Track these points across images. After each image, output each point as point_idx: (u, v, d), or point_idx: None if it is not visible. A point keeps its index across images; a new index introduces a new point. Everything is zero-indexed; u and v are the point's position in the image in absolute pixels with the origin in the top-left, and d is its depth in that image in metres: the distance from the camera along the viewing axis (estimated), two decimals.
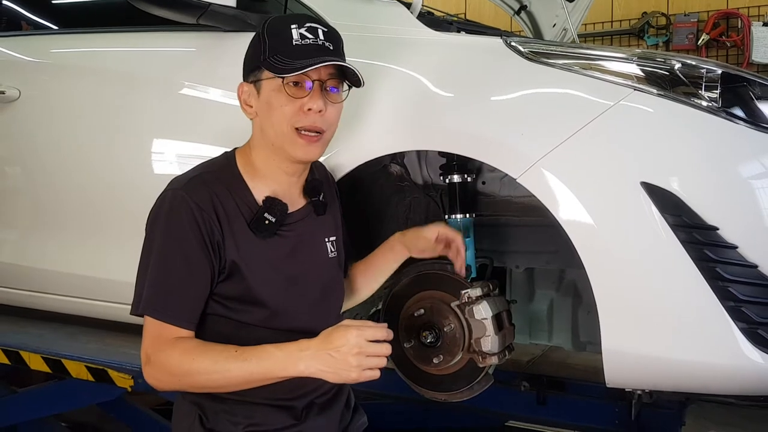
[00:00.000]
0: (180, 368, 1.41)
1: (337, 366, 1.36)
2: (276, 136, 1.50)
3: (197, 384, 1.43)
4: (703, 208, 1.51)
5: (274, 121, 1.49)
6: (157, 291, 1.44)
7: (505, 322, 1.82)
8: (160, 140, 2.23)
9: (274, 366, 1.39)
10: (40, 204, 2.52)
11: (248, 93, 1.54)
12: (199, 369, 1.40)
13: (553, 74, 1.68)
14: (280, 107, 1.48)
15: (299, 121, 1.48)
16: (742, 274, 1.51)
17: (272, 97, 1.49)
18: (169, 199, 1.47)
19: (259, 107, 1.52)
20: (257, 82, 1.51)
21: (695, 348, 1.53)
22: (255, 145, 1.56)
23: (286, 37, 1.47)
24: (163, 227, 1.46)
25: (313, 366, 1.37)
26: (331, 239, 1.66)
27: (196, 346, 1.43)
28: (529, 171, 1.60)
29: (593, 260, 1.56)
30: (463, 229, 1.89)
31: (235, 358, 1.39)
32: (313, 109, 1.48)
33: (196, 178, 1.50)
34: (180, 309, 1.45)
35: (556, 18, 3.20)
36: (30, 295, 2.54)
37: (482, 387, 1.86)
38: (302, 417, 1.56)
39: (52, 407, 2.67)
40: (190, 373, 1.40)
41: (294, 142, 1.50)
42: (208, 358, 1.40)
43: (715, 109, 1.57)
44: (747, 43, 5.12)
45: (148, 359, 1.43)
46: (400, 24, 1.94)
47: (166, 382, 1.44)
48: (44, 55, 2.57)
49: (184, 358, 1.40)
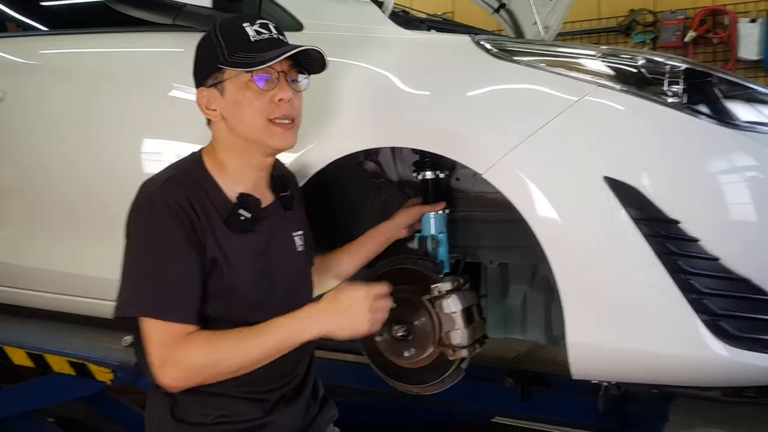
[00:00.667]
0: (204, 360, 1.42)
1: (350, 322, 1.46)
2: (250, 131, 1.52)
3: (220, 371, 1.44)
4: (664, 202, 1.53)
5: (246, 117, 1.52)
6: (157, 291, 1.43)
7: (475, 316, 1.85)
8: (142, 139, 2.25)
9: (290, 335, 1.45)
10: (24, 203, 2.54)
11: (208, 97, 1.55)
12: (223, 356, 1.42)
13: (520, 71, 1.71)
14: (250, 103, 1.50)
15: (272, 112, 1.51)
16: (704, 267, 1.53)
17: (239, 95, 1.51)
18: (148, 201, 1.48)
19: (225, 108, 1.53)
20: (218, 84, 1.53)
21: (659, 340, 1.56)
22: (221, 146, 1.58)
23: (243, 35, 1.50)
24: (147, 228, 1.47)
25: (326, 326, 1.45)
26: (299, 233, 1.69)
27: (212, 336, 1.45)
28: (495, 167, 1.62)
29: (557, 254, 1.59)
30: (436, 225, 1.92)
31: (252, 337, 1.43)
32: (284, 98, 1.51)
33: (170, 179, 1.51)
34: (185, 306, 1.45)
35: (537, 16, 3.22)
36: (14, 292, 2.56)
37: (453, 380, 1.89)
38: (271, 409, 1.59)
39: (37, 401, 2.70)
40: (215, 363, 1.42)
41: (271, 133, 1.52)
42: (228, 343, 1.43)
43: (678, 104, 1.59)
44: (734, 40, 5.17)
45: (164, 361, 1.42)
46: (372, 23, 1.96)
47: (186, 379, 1.44)
48: (29, 56, 2.59)
49: (206, 349, 1.42)
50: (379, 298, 1.50)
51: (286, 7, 2.03)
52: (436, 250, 1.90)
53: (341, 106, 1.81)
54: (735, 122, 1.63)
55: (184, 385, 1.45)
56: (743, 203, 1.55)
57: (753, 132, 1.64)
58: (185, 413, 1.55)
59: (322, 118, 1.79)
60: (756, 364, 1.54)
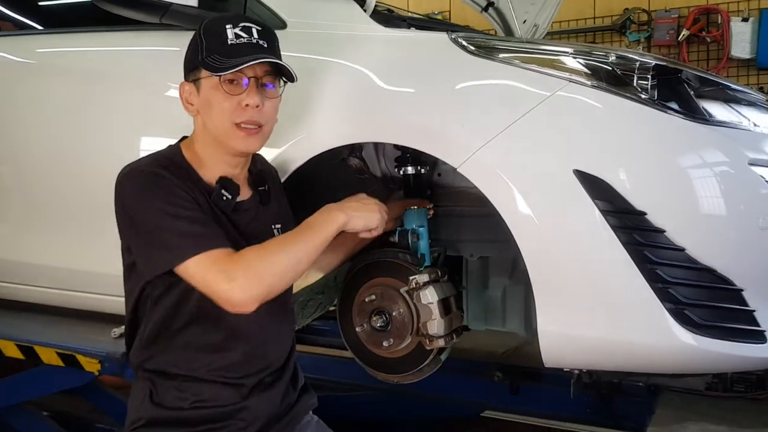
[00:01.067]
0: (262, 263, 1.47)
1: (365, 211, 1.63)
2: (217, 131, 1.58)
3: (279, 273, 1.49)
4: (632, 195, 1.57)
5: (214, 117, 1.57)
6: (187, 234, 1.47)
7: (452, 307, 1.89)
8: (133, 136, 2.28)
9: (322, 228, 1.56)
10: (19, 200, 2.58)
11: (189, 92, 1.61)
12: (277, 257, 1.49)
13: (494, 68, 1.76)
14: (219, 104, 1.55)
15: (238, 117, 1.56)
16: (669, 257, 1.58)
17: (211, 94, 1.56)
18: (139, 174, 1.52)
19: (200, 105, 1.59)
20: (197, 81, 1.59)
21: (627, 328, 1.61)
22: (198, 140, 1.63)
23: (222, 37, 1.54)
24: (149, 195, 1.50)
25: (347, 213, 1.59)
26: (277, 227, 1.73)
27: (259, 246, 1.51)
28: (469, 161, 1.67)
29: (528, 246, 1.63)
30: (417, 219, 1.96)
31: (293, 239, 1.54)
32: (250, 104, 1.55)
33: (154, 161, 1.56)
34: (216, 235, 1.50)
35: (526, 14, 3.26)
36: (5, 286, 2.61)
37: (431, 369, 1.93)
38: (248, 394, 1.64)
39: (28, 393, 2.75)
40: (272, 264, 1.48)
41: (235, 136, 1.57)
42: (275, 245, 1.52)
43: (647, 100, 1.64)
44: (726, 39, 5.20)
45: (230, 276, 1.44)
46: (353, 21, 2.00)
47: (256, 286, 1.46)
48: (22, 55, 2.63)
49: (259, 253, 1.48)
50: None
51: (270, 5, 2.07)
52: (416, 244, 1.94)
53: (322, 102, 1.85)
54: (705, 118, 1.67)
55: (256, 294, 1.46)
56: (709, 196, 1.60)
57: (723, 127, 1.69)
58: (163, 398, 1.60)
59: (304, 114, 1.83)
60: (720, 351, 1.58)
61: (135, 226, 1.52)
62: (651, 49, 5.53)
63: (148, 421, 1.61)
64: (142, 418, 1.61)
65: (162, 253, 1.48)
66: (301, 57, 1.83)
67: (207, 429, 1.60)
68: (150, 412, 1.60)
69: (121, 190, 1.55)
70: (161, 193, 1.49)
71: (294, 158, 1.88)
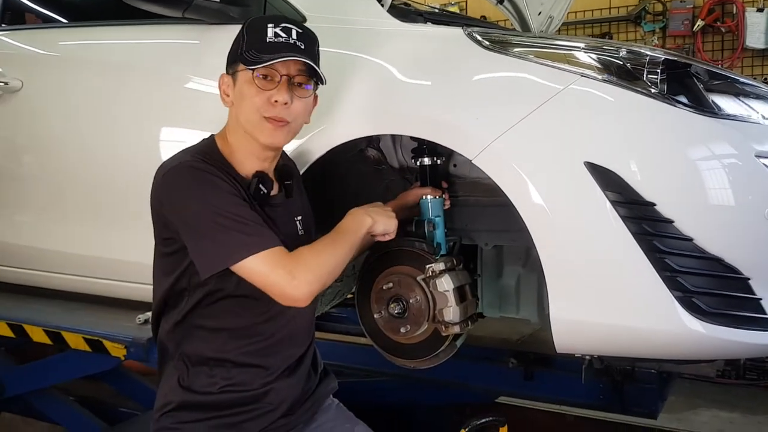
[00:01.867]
0: (317, 261, 1.60)
1: (386, 216, 1.79)
2: (247, 122, 1.64)
3: (331, 270, 1.63)
4: (642, 186, 1.62)
5: (245, 109, 1.63)
6: (247, 233, 1.55)
7: (467, 295, 1.94)
8: (155, 127, 2.35)
9: (357, 230, 1.72)
10: (42, 189, 2.65)
11: (227, 83, 1.69)
12: (328, 256, 1.63)
13: (508, 62, 1.81)
14: (251, 98, 1.62)
15: (267, 111, 1.62)
16: (678, 247, 1.62)
17: (245, 87, 1.63)
18: (187, 170, 1.59)
19: (235, 96, 1.66)
20: (234, 73, 1.66)
21: (636, 315, 1.65)
22: (231, 131, 1.70)
23: (262, 34, 1.61)
24: (199, 188, 1.57)
25: (373, 217, 1.75)
26: (299, 218, 1.80)
27: (311, 246, 1.64)
28: (483, 153, 1.72)
29: (541, 235, 1.68)
30: (433, 209, 2.01)
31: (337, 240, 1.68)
32: (279, 101, 1.61)
33: (194, 155, 1.63)
34: (269, 232, 1.59)
35: (541, 6, 3.28)
36: (34, 273, 2.69)
37: (447, 355, 1.98)
38: (275, 379, 1.70)
39: (55, 377, 2.84)
40: (325, 262, 1.61)
41: (262, 128, 1.64)
42: (323, 246, 1.65)
43: (657, 94, 1.68)
44: (741, 29, 5.18)
45: (293, 274, 1.55)
46: (370, 16, 2.06)
47: (316, 281, 1.58)
48: (45, 47, 2.69)
49: (314, 253, 1.62)
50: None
51: (290, 0, 2.12)
52: (432, 233, 1.99)
53: (341, 95, 1.91)
54: (714, 111, 1.71)
55: (317, 287, 1.59)
56: (717, 188, 1.64)
57: (732, 120, 1.73)
58: (193, 382, 1.67)
59: (324, 106, 1.88)
60: (727, 338, 1.63)
61: (187, 224, 1.57)
62: (666, 40, 5.52)
63: (177, 405, 1.67)
64: (172, 402, 1.68)
65: (219, 251, 1.55)
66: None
67: (235, 413, 1.67)
68: (180, 396, 1.67)
69: (167, 186, 1.60)
70: (212, 190, 1.56)
71: (314, 150, 1.94)
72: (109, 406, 3.31)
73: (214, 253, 1.55)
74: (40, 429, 3.50)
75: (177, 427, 1.67)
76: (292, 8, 2.11)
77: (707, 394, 3.15)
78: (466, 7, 6.27)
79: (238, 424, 1.68)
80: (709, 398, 3.13)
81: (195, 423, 1.66)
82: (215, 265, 1.55)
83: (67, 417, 2.94)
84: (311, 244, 1.66)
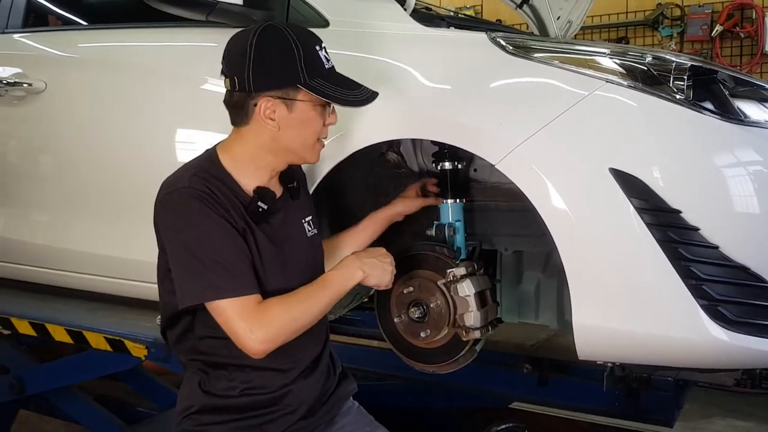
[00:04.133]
0: (285, 318, 1.57)
1: (379, 271, 1.74)
2: (300, 146, 1.67)
3: (299, 326, 1.61)
4: (667, 193, 1.61)
5: (307, 135, 1.66)
6: (222, 274, 1.54)
7: (488, 300, 1.94)
8: (176, 129, 2.37)
9: (343, 281, 1.68)
10: (66, 189, 2.66)
11: (272, 109, 1.61)
12: (300, 312, 1.60)
13: (533, 67, 1.80)
14: (314, 125, 1.66)
15: (322, 133, 1.69)
16: (703, 255, 1.61)
17: (309, 116, 1.65)
18: (180, 197, 1.58)
19: (289, 122, 1.63)
20: (290, 100, 1.61)
21: (660, 323, 1.64)
22: (253, 148, 1.66)
23: (318, 60, 1.64)
24: (188, 221, 1.57)
25: (364, 271, 1.71)
26: (308, 219, 1.81)
27: (284, 298, 1.61)
28: (507, 158, 1.71)
29: (565, 241, 1.67)
30: (453, 214, 2.01)
31: (316, 292, 1.65)
32: (333, 124, 1.70)
33: (193, 176, 1.61)
34: (250, 278, 1.58)
35: (560, 11, 3.29)
36: (56, 273, 2.70)
37: (467, 360, 1.98)
38: (293, 380, 1.71)
39: (76, 376, 2.86)
40: (294, 319, 1.59)
41: (314, 150, 1.71)
42: (299, 299, 1.62)
43: (682, 100, 1.67)
44: (761, 34, 5.18)
45: (252, 329, 1.54)
46: (393, 20, 2.05)
47: (274, 339, 1.57)
48: (69, 50, 2.72)
49: (283, 309, 1.58)
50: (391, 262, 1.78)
51: (314, 4, 2.12)
52: (453, 237, 2.00)
53: None
54: (739, 118, 1.70)
55: (273, 346, 1.57)
56: (743, 195, 1.63)
57: (758, 128, 1.71)
58: (213, 386, 1.68)
59: (347, 110, 1.88)
60: (752, 347, 1.61)
61: (174, 253, 1.59)
62: (684, 45, 5.51)
63: (199, 408, 1.68)
64: (194, 405, 1.69)
65: (197, 286, 1.56)
66: (342, 54, 1.87)
67: (256, 415, 1.67)
68: (201, 400, 1.68)
69: (164, 211, 1.61)
70: (200, 223, 1.56)
71: (335, 154, 1.94)
72: (125, 405, 3.33)
73: (191, 288, 1.56)
74: (56, 427, 3.54)
75: (199, 429, 1.68)
76: (315, 12, 2.11)
77: (723, 402, 3.12)
78: (481, 11, 6.27)
79: (259, 426, 1.68)
80: (724, 407, 3.10)
81: (216, 425, 1.67)
82: (190, 298, 1.57)
83: (87, 416, 2.96)
84: (288, 295, 1.62)
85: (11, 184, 2.78)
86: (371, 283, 1.74)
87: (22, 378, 2.91)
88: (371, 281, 1.73)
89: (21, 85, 2.63)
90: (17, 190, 2.77)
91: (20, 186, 2.76)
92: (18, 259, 2.79)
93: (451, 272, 1.89)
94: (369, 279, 1.72)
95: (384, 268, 1.75)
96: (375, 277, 1.73)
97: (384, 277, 1.75)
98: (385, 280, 1.76)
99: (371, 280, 1.73)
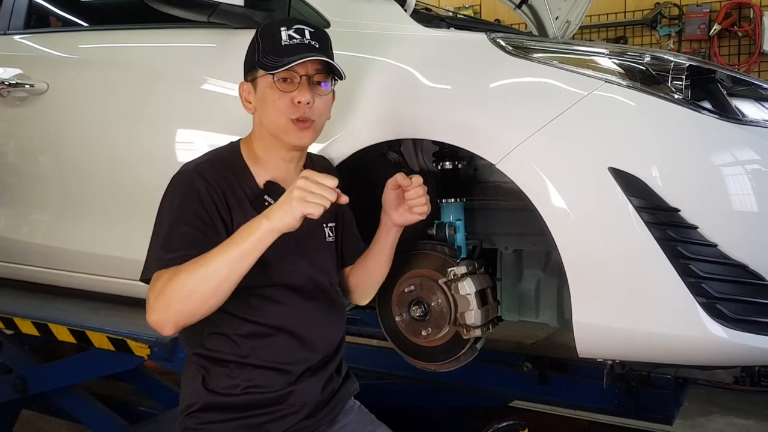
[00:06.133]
0: (171, 290, 1.47)
1: (283, 207, 1.46)
2: (272, 126, 1.67)
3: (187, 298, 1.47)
4: (666, 192, 1.62)
5: (270, 114, 1.66)
6: (167, 248, 1.55)
7: (488, 298, 1.96)
8: (177, 129, 2.38)
9: (240, 241, 1.47)
10: (67, 190, 2.68)
11: (247, 91, 1.72)
12: (184, 281, 1.46)
13: (532, 68, 1.81)
14: (274, 102, 1.65)
15: (292, 113, 1.64)
16: (702, 253, 1.62)
17: (266, 93, 1.66)
18: (180, 177, 1.64)
19: (257, 103, 1.69)
20: (254, 80, 1.69)
21: (660, 321, 1.65)
22: (256, 137, 1.73)
23: (276, 38, 1.64)
24: (171, 200, 1.61)
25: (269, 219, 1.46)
26: (330, 225, 1.82)
27: (177, 268, 1.50)
28: (507, 157, 1.73)
29: (565, 240, 1.69)
30: (454, 213, 2.03)
31: (207, 260, 1.47)
32: (302, 101, 1.63)
33: (205, 162, 1.67)
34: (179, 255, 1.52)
35: (559, 11, 3.30)
36: (61, 273, 2.72)
37: (468, 358, 2.00)
38: (296, 380, 1.72)
39: (78, 376, 2.87)
40: (178, 290, 1.47)
41: (288, 130, 1.66)
42: (187, 271, 1.48)
43: (681, 100, 1.68)
44: (758, 33, 5.19)
45: (149, 305, 1.50)
46: (393, 21, 2.07)
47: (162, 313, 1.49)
48: (70, 51, 2.73)
49: (171, 281, 1.48)
50: (313, 183, 1.45)
51: (314, 5, 2.14)
52: (453, 236, 2.01)
53: (364, 99, 1.93)
54: (738, 117, 1.71)
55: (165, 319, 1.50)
56: (742, 194, 1.64)
57: (756, 127, 1.72)
58: (216, 384, 1.69)
59: (347, 111, 1.90)
60: (751, 345, 1.62)
61: (155, 221, 1.63)
62: (682, 44, 5.52)
63: (202, 406, 1.69)
64: (197, 403, 1.70)
65: (146, 261, 1.58)
66: (343, 55, 1.86)
67: (258, 414, 1.68)
68: (203, 398, 1.69)
69: (169, 183, 1.66)
70: (179, 204, 1.58)
71: (338, 154, 1.95)
72: (127, 405, 3.34)
73: (145, 261, 1.58)
74: (57, 426, 3.55)
75: (201, 427, 1.69)
76: (316, 13, 2.13)
77: (722, 400, 3.14)
78: (480, 11, 6.28)
79: (261, 425, 1.69)
80: (724, 405, 3.13)
81: (219, 423, 1.68)
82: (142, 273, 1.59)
83: (89, 415, 2.97)
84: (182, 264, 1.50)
85: (13, 184, 2.79)
86: (282, 225, 1.46)
87: (24, 378, 2.92)
88: (280, 222, 1.45)
89: (23, 86, 2.64)
90: (19, 190, 2.78)
91: (22, 186, 2.78)
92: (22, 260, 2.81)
93: (452, 271, 1.91)
94: (277, 223, 1.45)
95: (287, 201, 1.45)
96: (281, 218, 1.45)
97: (285, 209, 1.45)
98: (287, 211, 1.45)
99: (280, 222, 1.45)
